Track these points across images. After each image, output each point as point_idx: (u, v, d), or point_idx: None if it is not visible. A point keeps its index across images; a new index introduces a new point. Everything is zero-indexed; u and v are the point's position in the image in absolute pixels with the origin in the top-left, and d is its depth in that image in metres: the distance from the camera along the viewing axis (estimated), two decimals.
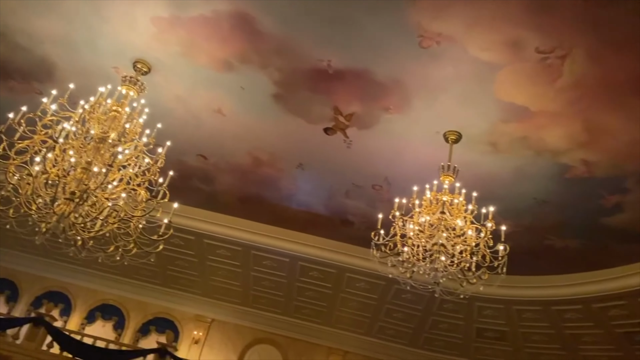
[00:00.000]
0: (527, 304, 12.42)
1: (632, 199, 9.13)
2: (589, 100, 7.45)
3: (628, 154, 8.17)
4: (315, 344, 15.33)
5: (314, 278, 13.75)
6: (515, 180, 9.35)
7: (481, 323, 13.56)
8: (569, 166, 8.74)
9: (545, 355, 13.76)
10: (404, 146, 9.28)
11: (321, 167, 10.50)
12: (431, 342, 14.76)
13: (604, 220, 9.74)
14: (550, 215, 10.05)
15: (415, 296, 12.49)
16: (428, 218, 7.87)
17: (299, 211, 12.18)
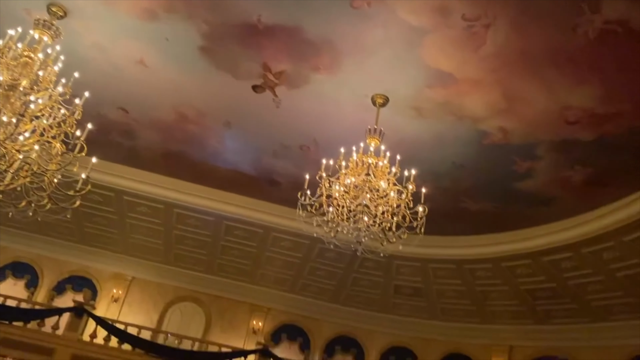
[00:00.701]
0: (442, 263, 13.12)
1: (542, 166, 9.74)
2: (508, 69, 7.78)
3: (541, 122, 8.67)
4: (238, 301, 15.46)
5: (239, 237, 13.76)
6: (436, 145, 9.69)
7: (399, 280, 14.20)
8: (486, 132, 9.16)
9: (456, 310, 14.67)
10: (333, 108, 9.33)
11: (249, 126, 10.38)
12: (352, 299, 15.30)
13: (516, 184, 10.35)
14: (467, 179, 10.55)
15: (338, 255, 12.84)
16: (353, 179, 8.02)
17: (225, 170, 12.03)
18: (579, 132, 8.72)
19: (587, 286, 12.09)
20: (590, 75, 7.56)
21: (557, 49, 7.24)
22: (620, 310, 12.43)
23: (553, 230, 11.25)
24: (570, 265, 11.64)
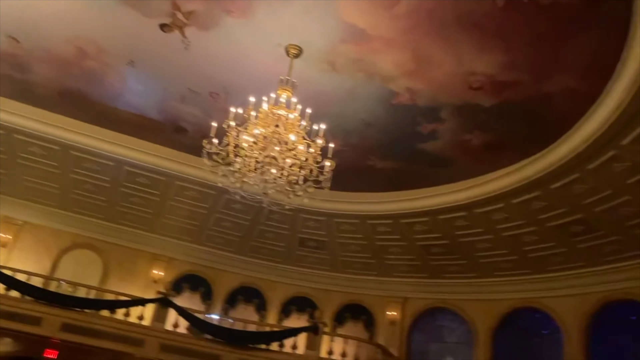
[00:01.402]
0: (347, 218, 13.47)
1: (445, 128, 10.14)
2: (420, 30, 7.89)
3: (446, 86, 8.96)
4: (138, 250, 15.05)
5: (141, 184, 13.25)
6: (347, 101, 9.75)
7: (304, 233, 14.45)
8: (395, 92, 9.34)
9: (356, 263, 15.24)
10: (245, 55, 9.04)
11: (155, 67, 9.83)
12: (257, 250, 15.40)
13: (420, 145, 10.73)
14: (375, 137, 10.77)
15: (244, 206, 12.77)
16: (262, 130, 7.90)
17: (127, 113, 11.41)
18: (480, 98, 9.12)
19: (477, 244, 12.97)
20: (495, 42, 7.85)
21: (466, 14, 7.42)
22: (504, 267, 13.50)
23: (450, 191, 11.85)
24: (463, 224, 12.38)
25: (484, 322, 14.14)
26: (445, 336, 15.22)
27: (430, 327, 15.45)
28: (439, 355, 15.09)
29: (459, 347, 14.84)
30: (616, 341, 12.28)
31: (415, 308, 15.38)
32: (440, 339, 15.23)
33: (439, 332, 15.33)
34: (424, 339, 15.40)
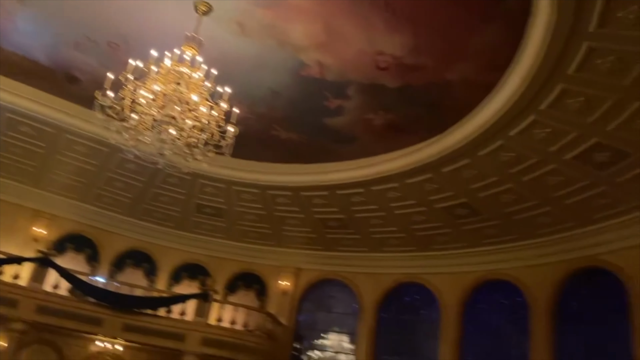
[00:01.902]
0: (247, 186, 13.32)
1: (350, 105, 10.27)
2: (334, 3, 7.85)
3: (355, 63, 9.04)
4: (18, 205, 13.87)
5: (25, 134, 12.16)
6: (255, 67, 9.53)
7: (201, 199, 14.12)
8: (305, 64, 9.27)
9: (253, 233, 15.22)
10: (152, 6, 8.50)
11: (49, 7, 8.94)
12: (149, 213, 14.84)
13: (325, 120, 10.80)
14: (281, 108, 10.68)
15: (140, 167, 12.20)
16: (163, 87, 7.52)
17: (12, 54, 10.33)
18: (386, 79, 9.32)
19: (371, 220, 13.43)
20: (405, 25, 8.01)
21: None
22: (393, 243, 14.14)
23: (350, 167, 12.10)
24: (359, 200, 12.74)
25: (371, 295, 14.78)
26: (333, 307, 15.74)
27: (320, 297, 15.89)
28: (326, 325, 15.59)
29: (346, 317, 15.42)
30: (489, 318, 13.40)
31: (307, 279, 15.71)
32: (329, 310, 15.73)
33: (328, 302, 15.81)
34: (313, 309, 15.82)
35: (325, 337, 15.53)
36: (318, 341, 15.55)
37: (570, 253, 11.63)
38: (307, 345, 15.52)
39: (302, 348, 15.47)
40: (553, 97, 8.26)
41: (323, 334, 15.54)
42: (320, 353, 15.38)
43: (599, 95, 7.97)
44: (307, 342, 15.54)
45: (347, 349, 15.09)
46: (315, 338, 15.59)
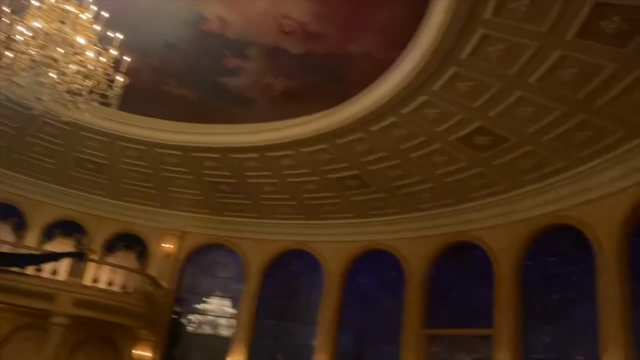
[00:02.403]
0: (133, 142, 12.55)
1: (250, 67, 10.01)
2: None
3: (259, 23, 8.78)
4: None
5: None
6: (151, 15, 8.88)
7: (82, 153, 13.12)
8: (205, 18, 8.82)
9: (137, 192, 14.52)
10: None
11: None
12: (21, 164, 13.55)
13: (222, 79, 10.44)
14: (176, 62, 10.12)
15: (10, 111, 11.00)
16: (44, 25, 6.79)
17: None
18: (290, 44, 9.17)
19: (263, 186, 13.37)
20: None
21: None
22: (283, 211, 14.23)
23: (245, 131, 11.87)
24: (253, 165, 12.59)
25: (257, 260, 14.83)
26: (218, 271, 15.60)
27: (204, 262, 15.66)
28: (209, 290, 15.45)
29: (230, 282, 15.37)
30: (369, 287, 14.04)
31: (192, 242, 15.38)
32: (213, 274, 15.56)
33: (212, 267, 15.63)
34: (197, 273, 15.57)
35: (208, 301, 15.40)
36: (200, 305, 15.39)
37: (446, 228, 12.45)
38: (188, 309, 15.31)
39: (182, 312, 15.23)
40: (445, 79, 8.63)
41: (205, 298, 15.39)
42: (200, 317, 15.24)
43: (486, 81, 8.45)
44: (189, 306, 15.33)
45: (229, 313, 15.10)
46: (197, 302, 15.40)
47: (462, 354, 11.60)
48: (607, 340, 8.81)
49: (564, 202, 10.33)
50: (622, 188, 9.30)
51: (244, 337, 14.15)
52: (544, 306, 10.66)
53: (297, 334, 14.39)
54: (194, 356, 14.63)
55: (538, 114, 8.77)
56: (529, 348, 10.52)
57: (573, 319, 10.11)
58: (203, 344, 14.78)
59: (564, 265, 10.56)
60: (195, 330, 15.15)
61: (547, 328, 10.53)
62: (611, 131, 8.67)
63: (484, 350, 11.12)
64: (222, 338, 14.73)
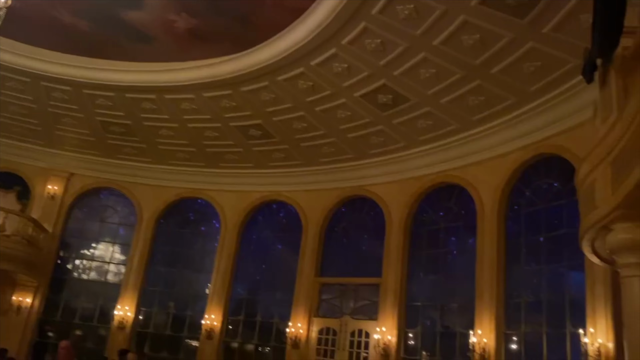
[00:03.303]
0: (15, 73, 11.35)
1: (152, 1, 9.34)
2: None
3: None
4: None
5: None
6: None
7: None
8: None
9: (18, 128, 13.38)
10: None
11: None
12: None
13: (122, 11, 9.67)
14: None
15: None
16: None
17: None
18: None
19: (160, 130, 12.80)
20: None
21: None
22: (181, 157, 13.79)
23: (143, 69, 11.18)
24: (150, 107, 11.96)
25: (151, 207, 14.37)
26: (108, 217, 14.92)
27: (93, 206, 14.91)
28: (98, 235, 14.79)
29: (121, 228, 14.80)
30: (266, 236, 14.18)
31: (81, 185, 14.54)
32: (102, 219, 14.87)
33: (102, 212, 14.91)
34: (85, 217, 14.80)
35: (96, 246, 14.76)
36: (87, 251, 14.71)
37: (344, 182, 12.81)
38: (74, 254, 14.59)
39: (68, 257, 14.49)
40: (355, 34, 8.67)
41: (94, 244, 14.73)
42: (88, 263, 14.60)
43: (393, 40, 8.61)
44: (75, 251, 14.60)
45: (118, 259, 14.59)
46: (85, 247, 14.71)
47: (351, 301, 12.19)
48: (482, 289, 9.69)
49: (454, 162, 11.01)
50: (505, 152, 10.09)
51: (134, 283, 13.80)
52: (428, 258, 11.44)
53: (191, 282, 14.28)
54: (80, 302, 14.03)
55: (438, 76, 9.14)
56: (412, 295, 11.30)
57: (453, 270, 10.97)
58: (90, 290, 14.22)
59: (449, 221, 11.34)
60: (82, 276, 14.51)
61: (430, 278, 11.34)
62: (502, 98, 9.28)
63: (372, 297, 11.77)
64: (111, 284, 14.26)
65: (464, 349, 9.82)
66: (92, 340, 13.65)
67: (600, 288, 7.65)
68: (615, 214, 3.82)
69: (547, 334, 8.79)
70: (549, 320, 8.85)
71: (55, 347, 12.58)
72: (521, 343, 9.23)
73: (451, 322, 10.69)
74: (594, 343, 7.47)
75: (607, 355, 7.34)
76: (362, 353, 11.53)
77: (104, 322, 13.71)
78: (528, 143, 9.66)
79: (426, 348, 10.87)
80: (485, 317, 9.49)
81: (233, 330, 13.43)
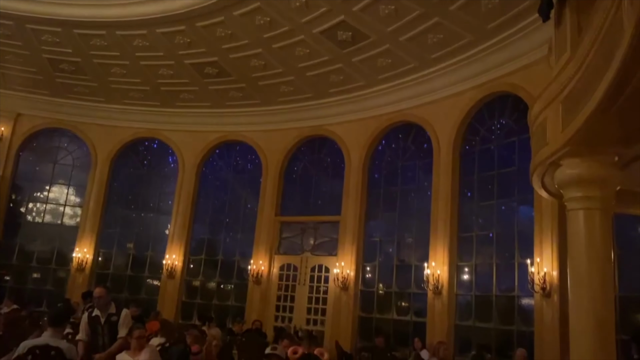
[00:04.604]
0: None
1: None
2: None
3: None
4: None
5: None
6: None
7: None
8: None
9: None
10: None
11: None
12: None
13: None
14: None
15: None
16: None
17: None
18: None
19: (112, 68, 12.27)
20: None
21: None
22: (134, 96, 13.39)
23: (93, 3, 10.49)
24: (100, 43, 11.38)
25: (106, 148, 14.03)
26: (60, 158, 14.49)
27: (45, 148, 14.46)
28: (51, 177, 14.40)
29: (74, 170, 14.43)
30: (226, 177, 14.13)
31: (29, 126, 13.99)
32: (55, 161, 14.43)
33: (53, 153, 14.46)
34: (36, 159, 14.35)
35: (49, 189, 14.40)
36: (40, 194, 14.35)
37: (303, 122, 12.78)
38: (26, 197, 14.21)
39: (21, 200, 14.12)
40: None
41: (47, 186, 14.35)
42: (42, 206, 14.28)
43: None
44: (28, 194, 14.22)
45: (73, 202, 14.33)
46: (38, 191, 14.34)
47: (311, 239, 12.47)
48: (437, 224, 10.07)
49: (412, 101, 11.11)
50: (461, 91, 10.24)
51: (92, 226, 13.64)
52: (385, 195, 11.72)
53: (150, 223, 14.24)
54: (36, 246, 13.82)
55: (398, 13, 9.03)
56: (370, 231, 11.65)
57: (409, 207, 11.31)
58: (46, 233, 13.99)
59: (406, 160, 11.57)
60: (37, 220, 14.22)
61: (387, 214, 11.67)
62: (460, 36, 9.30)
63: (331, 234, 12.06)
64: (67, 227, 14.05)
65: (419, 281, 10.29)
66: (51, 283, 13.58)
67: (548, 221, 8.10)
68: (564, 150, 3.98)
69: (496, 265, 9.29)
70: (498, 252, 9.34)
71: (12, 291, 12.50)
72: (472, 274, 9.74)
73: (407, 256, 11.13)
74: (540, 272, 7.97)
75: (551, 283, 7.87)
76: (322, 287, 11.94)
77: (63, 264, 13.61)
78: (484, 81, 9.81)
79: (383, 280, 11.34)
80: (439, 250, 9.92)
81: (195, 269, 13.60)
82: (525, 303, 8.67)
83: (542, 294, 7.94)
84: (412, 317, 10.54)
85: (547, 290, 7.89)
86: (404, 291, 10.88)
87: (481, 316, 9.38)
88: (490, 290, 9.29)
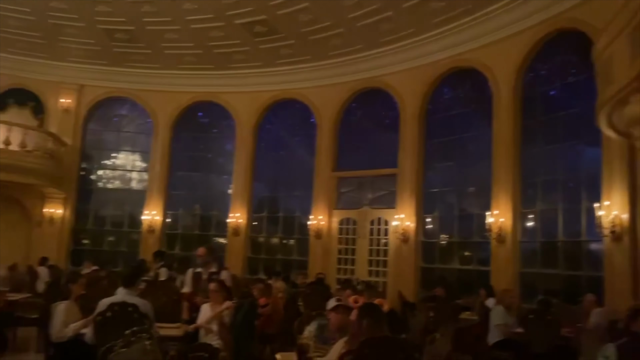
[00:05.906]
0: None
1: None
2: None
3: None
4: None
5: None
6: None
7: None
8: None
9: (21, 42, 13.06)
10: None
11: None
12: None
13: None
14: None
15: None
16: None
17: None
18: None
19: (164, 34, 12.48)
20: None
21: None
22: (189, 60, 13.56)
23: None
24: (150, 10, 11.56)
25: (165, 113, 14.40)
26: (123, 126, 15.06)
27: (108, 116, 15.02)
28: (117, 145, 15.03)
29: (138, 136, 14.98)
30: (281, 135, 14.28)
31: (92, 96, 14.52)
32: (119, 129, 15.02)
33: (117, 122, 15.04)
34: (101, 128, 14.97)
35: (116, 156, 15.05)
36: (108, 161, 15.03)
37: (355, 75, 12.56)
38: (96, 165, 14.94)
39: (90, 168, 14.86)
40: None
41: (114, 154, 15.01)
42: (110, 172, 14.99)
43: None
44: (97, 162, 14.94)
45: (140, 167, 14.94)
46: (105, 158, 15.02)
47: (369, 192, 12.49)
48: (499, 172, 9.80)
49: (468, 45, 10.66)
50: (520, 30, 9.70)
51: (159, 189, 14.22)
52: (443, 145, 11.47)
53: (213, 184, 14.69)
54: (108, 211, 14.62)
55: None
56: (429, 182, 11.51)
57: (469, 156, 11.03)
58: (116, 198, 14.73)
59: (464, 107, 11.22)
60: (107, 186, 14.97)
61: (445, 165, 11.45)
62: None
63: (389, 187, 12.01)
64: (136, 191, 14.73)
65: (481, 230, 10.14)
66: (125, 245, 14.39)
67: (617, 162, 7.67)
68: (633, 86, 3.74)
69: (562, 211, 8.99)
70: (565, 197, 9.01)
71: (91, 253, 13.37)
72: (537, 220, 9.48)
73: (468, 205, 10.96)
74: (609, 215, 7.63)
75: (621, 225, 7.53)
76: (382, 239, 12.01)
77: (134, 227, 14.35)
78: (544, 18, 9.24)
79: (445, 231, 11.26)
80: (502, 198, 9.68)
81: (258, 226, 14.01)
82: (594, 248, 8.39)
83: (612, 237, 7.62)
84: (476, 266, 10.46)
85: (616, 233, 7.57)
86: (467, 240, 10.78)
87: (547, 263, 9.17)
88: (556, 237, 9.04)
